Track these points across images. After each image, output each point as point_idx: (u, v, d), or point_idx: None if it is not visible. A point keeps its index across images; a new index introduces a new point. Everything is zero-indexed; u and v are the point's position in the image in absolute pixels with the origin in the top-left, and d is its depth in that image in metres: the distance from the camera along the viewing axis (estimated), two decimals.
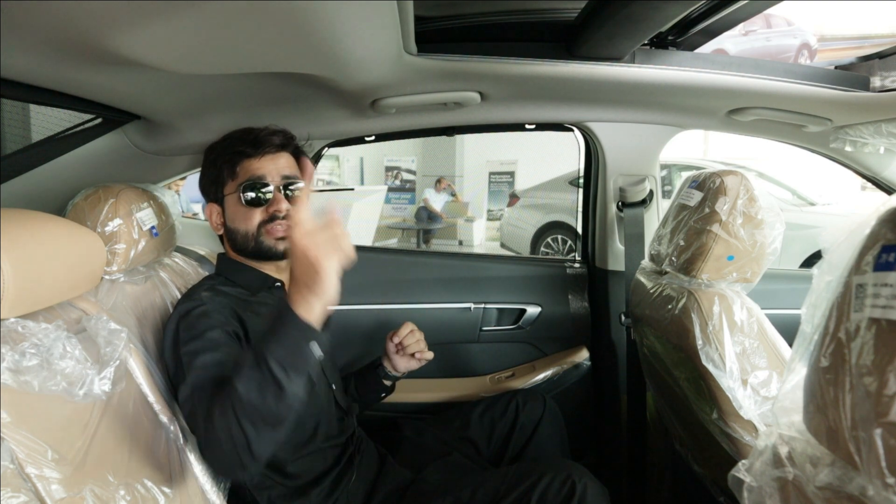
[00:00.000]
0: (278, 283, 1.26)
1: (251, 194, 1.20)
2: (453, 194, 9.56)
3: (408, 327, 1.43)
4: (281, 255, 1.23)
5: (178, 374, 1.02)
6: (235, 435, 0.85)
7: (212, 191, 1.26)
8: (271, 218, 1.21)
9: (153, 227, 1.26)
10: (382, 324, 1.88)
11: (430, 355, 1.44)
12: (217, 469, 0.95)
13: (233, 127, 1.27)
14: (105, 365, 0.91)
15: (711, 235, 1.15)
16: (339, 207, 6.17)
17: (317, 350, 0.90)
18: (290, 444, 1.17)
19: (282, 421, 0.88)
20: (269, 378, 0.86)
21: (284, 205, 1.21)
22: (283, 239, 1.21)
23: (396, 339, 1.42)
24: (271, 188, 1.21)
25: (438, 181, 9.44)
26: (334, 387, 1.31)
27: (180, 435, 1.04)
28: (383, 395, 1.51)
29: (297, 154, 1.29)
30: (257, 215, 1.21)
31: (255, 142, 1.21)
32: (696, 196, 1.22)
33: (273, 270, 1.26)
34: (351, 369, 1.56)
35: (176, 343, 1.05)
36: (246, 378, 0.86)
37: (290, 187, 1.23)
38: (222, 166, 1.23)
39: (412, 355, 1.43)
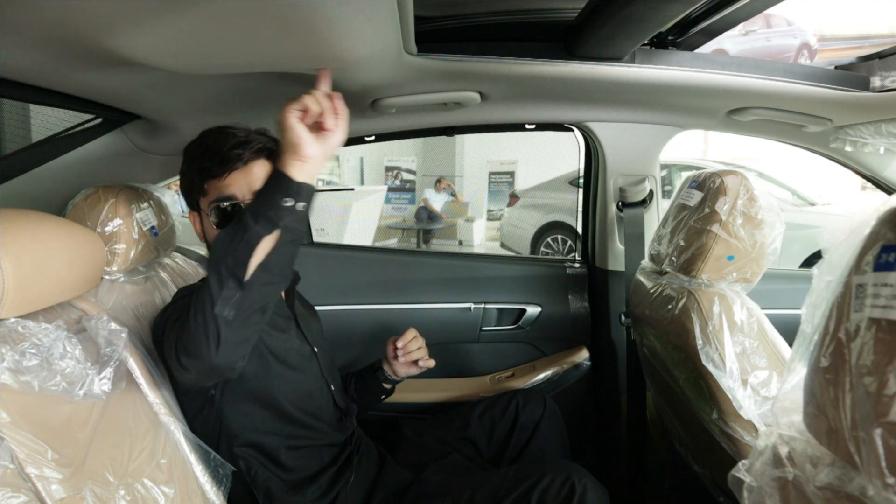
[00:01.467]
0: None
1: (221, 215, 1.13)
2: (453, 194, 9.56)
3: (411, 333, 1.41)
4: None
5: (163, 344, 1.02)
6: (209, 288, 0.86)
7: (189, 200, 1.21)
8: None
9: (153, 227, 1.26)
10: (382, 324, 1.88)
11: (431, 363, 1.42)
12: (191, 355, 0.90)
13: None
14: (105, 365, 0.91)
15: (711, 235, 1.15)
16: (339, 208, 6.18)
17: (301, 206, 0.91)
18: (282, 434, 1.17)
19: (243, 263, 0.87)
20: (238, 226, 0.89)
21: None
22: None
23: (400, 344, 1.40)
24: (242, 207, 1.13)
25: (438, 181, 9.44)
26: (332, 387, 1.30)
27: (181, 435, 1.04)
28: (383, 397, 1.51)
29: (275, 159, 1.19)
30: None
31: (220, 158, 1.12)
32: (696, 196, 1.22)
33: None
34: (350, 370, 1.56)
35: (164, 324, 1.05)
36: (224, 232, 0.91)
37: None
38: (192, 179, 1.16)
39: (414, 362, 1.42)
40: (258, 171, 1.16)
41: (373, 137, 1.85)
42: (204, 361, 0.88)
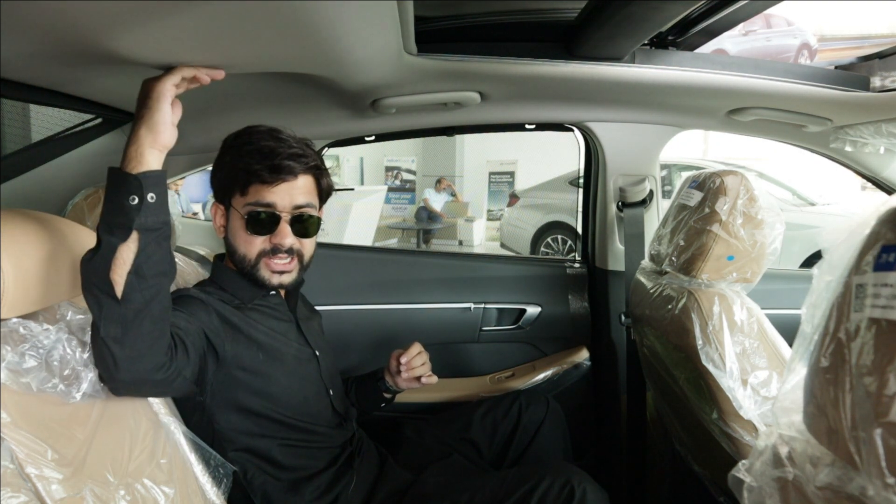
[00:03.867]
0: (273, 292, 1.25)
1: (256, 221, 1.14)
2: (453, 194, 9.55)
3: (416, 348, 1.38)
4: (274, 288, 1.20)
5: None
6: (90, 309, 0.82)
7: (220, 192, 1.19)
8: (273, 250, 1.16)
9: None
10: (382, 324, 1.88)
11: (434, 380, 1.40)
12: (102, 380, 0.87)
13: (234, 127, 1.20)
14: None
15: (711, 235, 1.15)
16: (339, 208, 6.18)
17: (150, 198, 0.82)
18: (277, 437, 1.16)
19: (106, 280, 0.81)
20: (98, 237, 0.83)
21: (289, 239, 1.15)
22: (280, 273, 1.18)
23: (404, 360, 1.36)
24: (279, 218, 1.14)
25: (438, 181, 9.43)
26: (332, 392, 1.29)
27: (181, 435, 1.04)
28: (382, 405, 1.50)
29: (319, 176, 1.21)
30: (259, 243, 1.15)
31: (273, 167, 1.12)
32: (696, 196, 1.22)
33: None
34: (349, 371, 1.56)
35: None
36: (87, 252, 0.84)
37: (303, 216, 1.17)
38: (234, 176, 1.14)
39: (416, 378, 1.38)
40: (303, 186, 1.17)
41: (373, 137, 1.85)
42: (112, 384, 0.87)
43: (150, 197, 0.82)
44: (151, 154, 0.84)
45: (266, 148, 1.12)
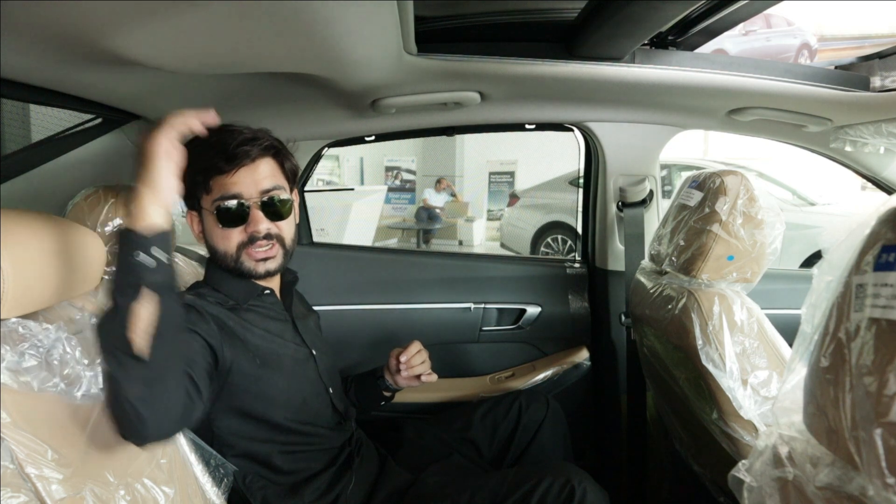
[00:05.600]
0: (267, 291, 1.24)
1: (226, 214, 1.12)
2: (453, 194, 9.56)
3: (415, 347, 1.38)
4: (262, 276, 1.19)
5: None
6: (110, 371, 0.80)
7: (188, 199, 1.18)
8: (251, 239, 1.14)
9: None
10: (382, 324, 1.88)
11: (433, 378, 1.39)
12: (125, 436, 0.84)
13: None
14: None
15: (711, 235, 1.15)
16: (339, 208, 6.19)
17: (158, 255, 0.82)
18: (276, 441, 1.16)
19: (124, 340, 0.79)
20: (111, 299, 0.81)
21: (264, 224, 1.14)
22: (264, 260, 1.16)
23: (403, 359, 1.36)
24: (248, 206, 1.13)
25: (438, 181, 9.44)
26: (331, 391, 1.29)
27: (181, 435, 1.04)
28: (382, 403, 1.50)
29: (280, 157, 1.19)
30: (235, 236, 1.14)
31: (228, 155, 1.11)
32: (696, 196, 1.22)
33: (260, 280, 1.23)
34: (350, 371, 1.56)
35: None
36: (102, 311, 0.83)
37: (273, 199, 1.15)
38: (195, 177, 1.12)
39: (416, 376, 1.38)
40: (265, 170, 1.15)
41: (373, 137, 1.85)
42: (138, 440, 0.84)
43: (160, 254, 0.82)
44: (155, 210, 0.84)
45: (218, 142, 1.11)
